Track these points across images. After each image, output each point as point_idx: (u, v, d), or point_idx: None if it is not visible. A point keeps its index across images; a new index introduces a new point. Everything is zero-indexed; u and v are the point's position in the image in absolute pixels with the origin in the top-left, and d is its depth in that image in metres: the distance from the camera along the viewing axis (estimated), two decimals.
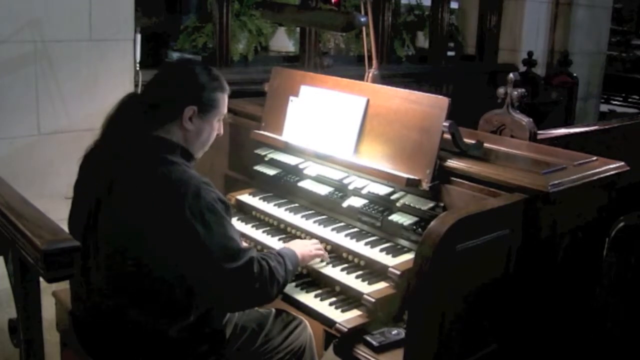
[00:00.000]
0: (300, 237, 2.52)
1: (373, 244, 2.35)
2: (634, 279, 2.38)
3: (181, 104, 1.98)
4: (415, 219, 2.31)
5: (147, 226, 1.83)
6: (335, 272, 2.28)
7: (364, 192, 2.43)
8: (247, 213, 2.79)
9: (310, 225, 2.53)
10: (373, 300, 2.09)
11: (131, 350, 1.93)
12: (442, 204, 2.25)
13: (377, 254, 2.29)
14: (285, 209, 2.67)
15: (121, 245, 1.87)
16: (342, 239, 2.41)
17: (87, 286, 1.97)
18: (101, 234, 1.92)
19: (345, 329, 2.04)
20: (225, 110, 2.12)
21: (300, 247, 2.26)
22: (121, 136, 1.97)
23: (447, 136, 2.28)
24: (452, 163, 2.26)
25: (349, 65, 5.00)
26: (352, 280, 2.22)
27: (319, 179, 2.63)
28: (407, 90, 2.44)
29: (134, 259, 1.86)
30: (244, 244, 1.97)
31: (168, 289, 1.88)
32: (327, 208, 2.62)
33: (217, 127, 2.10)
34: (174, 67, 2.24)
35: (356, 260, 2.33)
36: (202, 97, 2.02)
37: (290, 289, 2.26)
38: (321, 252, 2.33)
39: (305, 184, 2.66)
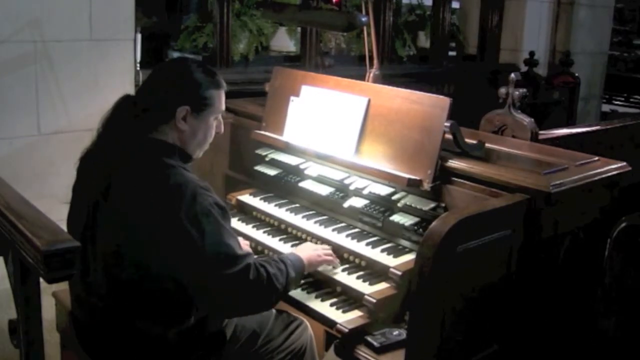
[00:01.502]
0: (301, 238, 2.52)
1: (374, 245, 2.34)
2: (635, 280, 2.37)
3: (173, 104, 1.95)
4: (416, 219, 2.30)
5: (144, 231, 1.82)
6: (336, 273, 2.27)
7: (365, 192, 2.43)
8: (248, 213, 2.79)
9: (311, 225, 2.52)
10: (374, 300, 2.09)
11: (131, 352, 1.92)
12: (443, 205, 2.25)
13: (378, 255, 2.28)
14: (286, 210, 2.67)
15: (119, 249, 1.86)
16: (343, 240, 2.40)
17: (86, 288, 1.97)
18: (99, 236, 1.91)
19: (346, 330, 2.03)
20: (223, 107, 2.08)
21: (308, 252, 2.22)
22: (116, 139, 1.95)
23: (449, 136, 2.27)
24: (454, 163, 2.26)
25: (350, 65, 4.99)
26: (353, 281, 2.22)
27: (320, 179, 2.62)
28: (408, 90, 2.43)
29: (131, 262, 1.85)
30: (245, 249, 1.95)
31: (166, 292, 1.87)
32: (328, 208, 2.61)
33: (214, 126, 2.07)
34: (166, 67, 2.20)
35: (357, 260, 2.32)
36: (195, 96, 1.98)
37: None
38: (331, 257, 2.28)
39: (306, 184, 2.65)
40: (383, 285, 2.18)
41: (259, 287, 1.90)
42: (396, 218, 2.34)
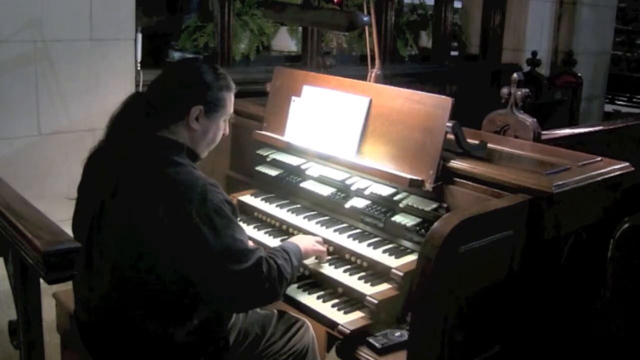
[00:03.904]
0: None
1: (376, 245, 2.33)
2: (638, 281, 2.36)
3: (187, 103, 1.96)
4: (418, 220, 2.29)
5: (153, 229, 1.81)
6: (337, 274, 2.27)
7: (366, 192, 2.42)
8: (249, 214, 2.78)
9: (312, 226, 2.51)
10: (376, 301, 2.08)
11: (135, 354, 1.92)
12: (445, 205, 2.24)
13: (379, 255, 2.27)
14: (287, 210, 2.66)
15: (126, 248, 1.86)
16: (344, 240, 2.39)
17: (90, 288, 1.96)
18: (106, 236, 1.90)
19: (348, 331, 2.02)
20: (232, 109, 2.10)
21: (304, 242, 2.25)
22: (126, 137, 1.95)
23: (451, 136, 2.26)
24: (456, 163, 2.25)
25: (351, 65, 4.99)
26: (354, 282, 2.21)
27: (322, 180, 2.61)
28: (410, 90, 2.42)
29: (139, 262, 1.84)
30: (251, 244, 1.96)
31: (172, 292, 1.86)
32: (330, 209, 2.60)
33: (222, 127, 2.09)
34: (179, 66, 2.22)
35: (359, 261, 2.31)
36: (209, 97, 2.00)
37: (293, 290, 2.24)
38: (322, 247, 2.32)
39: (307, 184, 2.64)
40: (385, 286, 2.17)
41: (271, 278, 1.92)
42: (398, 219, 2.33)
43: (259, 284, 1.89)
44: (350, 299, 2.19)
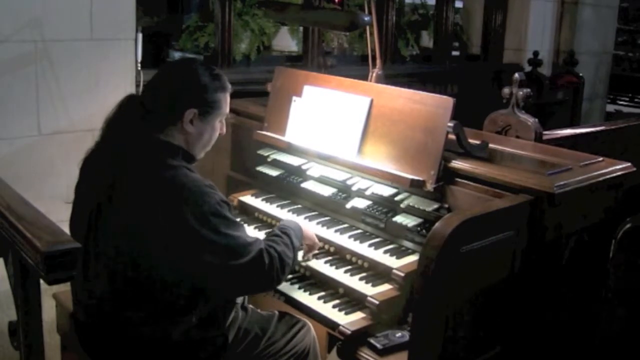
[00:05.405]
0: None
1: (377, 246, 2.33)
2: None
3: (181, 107, 1.96)
4: (419, 220, 2.29)
5: (150, 231, 1.81)
6: (338, 274, 2.27)
7: (367, 193, 2.42)
8: (250, 214, 2.78)
9: (313, 226, 2.51)
10: (377, 302, 2.08)
11: (134, 354, 1.92)
12: (446, 205, 2.24)
13: (381, 256, 2.27)
14: (288, 210, 2.66)
15: (123, 250, 1.86)
16: (345, 241, 2.39)
17: (88, 289, 1.96)
18: (102, 237, 1.90)
19: (349, 332, 2.02)
20: (228, 109, 2.10)
21: (303, 222, 2.31)
22: (121, 139, 1.95)
23: (452, 137, 2.26)
24: (457, 164, 2.25)
25: (352, 65, 4.97)
26: (355, 282, 2.21)
27: (322, 180, 2.61)
28: (411, 91, 2.42)
29: (136, 263, 1.85)
30: (250, 237, 1.96)
31: (170, 292, 1.87)
32: (331, 209, 2.60)
33: (219, 128, 2.09)
34: (173, 68, 2.19)
35: (360, 262, 2.31)
36: (203, 99, 1.99)
37: (294, 291, 2.25)
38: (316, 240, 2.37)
39: (308, 185, 2.64)
40: (386, 287, 2.17)
41: (273, 268, 1.94)
42: (399, 219, 2.33)
43: (261, 274, 1.92)
44: (351, 300, 2.19)
